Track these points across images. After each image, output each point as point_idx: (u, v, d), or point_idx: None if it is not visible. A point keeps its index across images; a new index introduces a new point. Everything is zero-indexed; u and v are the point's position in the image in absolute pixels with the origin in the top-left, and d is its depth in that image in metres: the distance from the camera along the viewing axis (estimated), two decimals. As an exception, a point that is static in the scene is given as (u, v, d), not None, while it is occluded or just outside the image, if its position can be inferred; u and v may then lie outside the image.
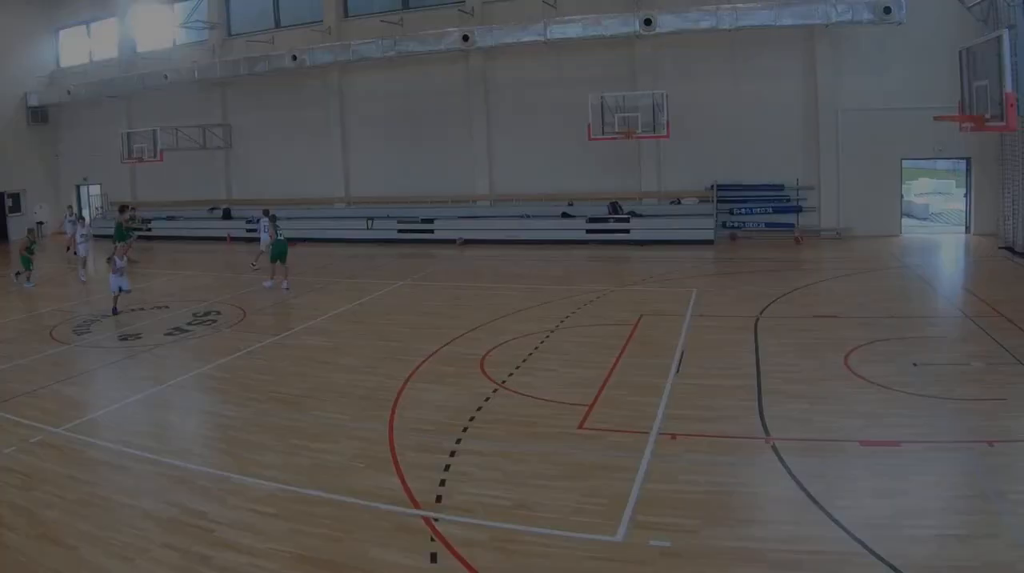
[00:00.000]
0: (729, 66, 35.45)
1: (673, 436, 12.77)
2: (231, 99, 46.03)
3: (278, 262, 26.61)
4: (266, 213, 30.78)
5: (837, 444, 12.26)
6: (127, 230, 29.65)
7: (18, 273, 29.38)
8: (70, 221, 39.40)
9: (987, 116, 20.72)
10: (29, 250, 29.34)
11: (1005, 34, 19.61)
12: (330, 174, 43.61)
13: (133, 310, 24.22)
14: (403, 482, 11.41)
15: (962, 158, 34.79)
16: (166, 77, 43.63)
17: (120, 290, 23.66)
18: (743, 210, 35.30)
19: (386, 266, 32.92)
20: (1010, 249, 28.55)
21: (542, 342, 19.01)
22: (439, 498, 10.86)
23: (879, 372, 15.33)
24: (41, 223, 48.99)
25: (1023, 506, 9.86)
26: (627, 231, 35.62)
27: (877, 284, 24.28)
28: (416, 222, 39.87)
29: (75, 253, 32.72)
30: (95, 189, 52.81)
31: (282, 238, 27.51)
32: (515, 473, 11.63)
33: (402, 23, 39.17)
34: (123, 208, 32.72)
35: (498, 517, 10.25)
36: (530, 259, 32.63)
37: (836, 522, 9.72)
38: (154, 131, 43.39)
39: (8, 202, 49.31)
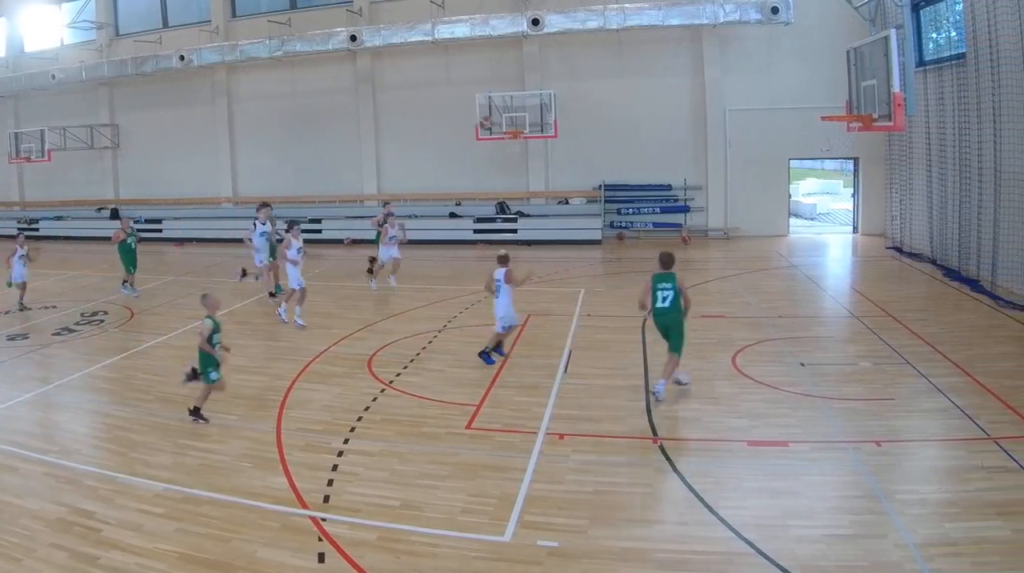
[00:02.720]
0: (617, 66, 35.82)
1: (561, 436, 12.87)
2: (119, 99, 45.03)
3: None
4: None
5: (725, 444, 12.45)
6: None
7: None
8: None
9: (875, 116, 21.20)
10: None
11: (892, 34, 20.07)
12: (218, 174, 42.91)
13: (21, 310, 23.78)
14: (291, 482, 11.43)
15: (850, 158, 35.66)
16: (53, 77, 42.82)
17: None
18: (631, 210, 35.63)
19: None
20: (898, 249, 29.36)
21: (430, 342, 19.04)
22: (327, 498, 10.90)
23: (767, 372, 15.63)
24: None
25: (911, 506, 10.12)
26: (515, 231, 35.71)
27: (765, 284, 24.70)
28: (304, 222, 39.01)
29: None
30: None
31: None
32: (403, 473, 11.69)
33: (290, 23, 38.85)
34: None
35: (386, 517, 10.31)
36: (418, 259, 32.38)
37: (724, 522, 9.87)
38: (42, 131, 42.53)
39: None
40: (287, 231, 21.57)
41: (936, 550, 9.05)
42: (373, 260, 26.02)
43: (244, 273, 25.20)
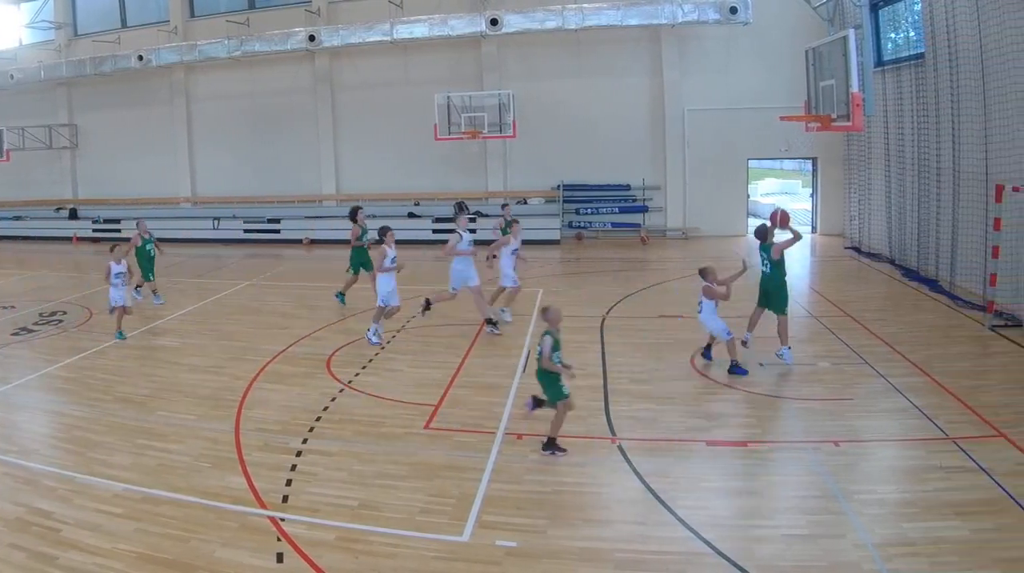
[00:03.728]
0: (576, 66, 35.93)
1: (519, 436, 12.89)
2: (77, 99, 44.65)
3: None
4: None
5: (684, 444, 12.47)
6: None
7: None
8: None
9: (834, 116, 21.28)
10: None
11: (851, 34, 20.15)
12: (176, 174, 42.64)
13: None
14: (249, 482, 11.41)
15: (808, 158, 35.95)
16: (12, 77, 42.48)
17: None
18: (589, 210, 35.69)
19: (232, 266, 32.29)
20: (856, 249, 29.60)
21: (388, 342, 19.00)
22: (285, 498, 10.89)
23: (725, 373, 15.63)
24: None
25: (869, 506, 10.17)
26: (473, 231, 35.31)
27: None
28: (262, 222, 39.63)
29: None
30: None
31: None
32: (361, 473, 11.68)
33: (248, 23, 38.70)
34: None
35: (344, 517, 10.32)
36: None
37: (682, 522, 9.89)
38: (0, 131, 41.95)
39: None
40: (381, 237, 18.84)
41: (894, 550, 9.10)
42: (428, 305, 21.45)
43: (428, 305, 20.56)
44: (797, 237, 16.18)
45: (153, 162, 42.69)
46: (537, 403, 13.01)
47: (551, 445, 12.16)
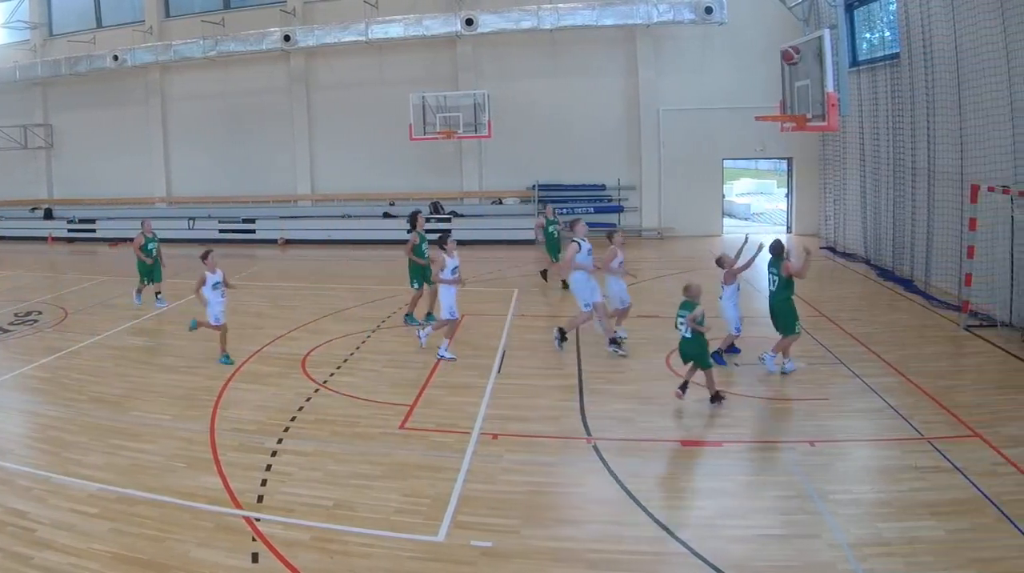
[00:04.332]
0: (551, 66, 35.96)
1: (494, 436, 12.87)
2: (53, 99, 44.41)
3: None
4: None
5: (659, 444, 12.50)
6: None
7: None
8: None
9: (809, 116, 21.32)
10: None
11: (826, 34, 20.19)
12: (151, 174, 42.45)
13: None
14: (224, 482, 11.39)
15: (784, 158, 36.10)
16: (-14, 77, 42.43)
17: None
18: (564, 210, 35.51)
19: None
20: (831, 249, 29.69)
21: (364, 342, 19.01)
22: (260, 498, 10.87)
23: (701, 373, 15.62)
24: None
25: (844, 506, 10.20)
26: (449, 231, 35.51)
27: (698, 284, 24.62)
28: (237, 222, 39.51)
29: None
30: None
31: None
32: (336, 473, 11.68)
33: (224, 23, 38.56)
34: None
35: (319, 517, 10.31)
36: (352, 259, 32.59)
37: (657, 522, 9.88)
38: (-25, 131, 41.91)
39: None
40: (442, 244, 17.75)
41: (869, 550, 9.12)
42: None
43: (563, 335, 18.00)
44: (808, 254, 15.86)
45: (128, 162, 42.48)
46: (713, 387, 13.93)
47: (717, 397, 13.76)
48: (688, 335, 13.59)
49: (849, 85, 23.26)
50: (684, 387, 13.76)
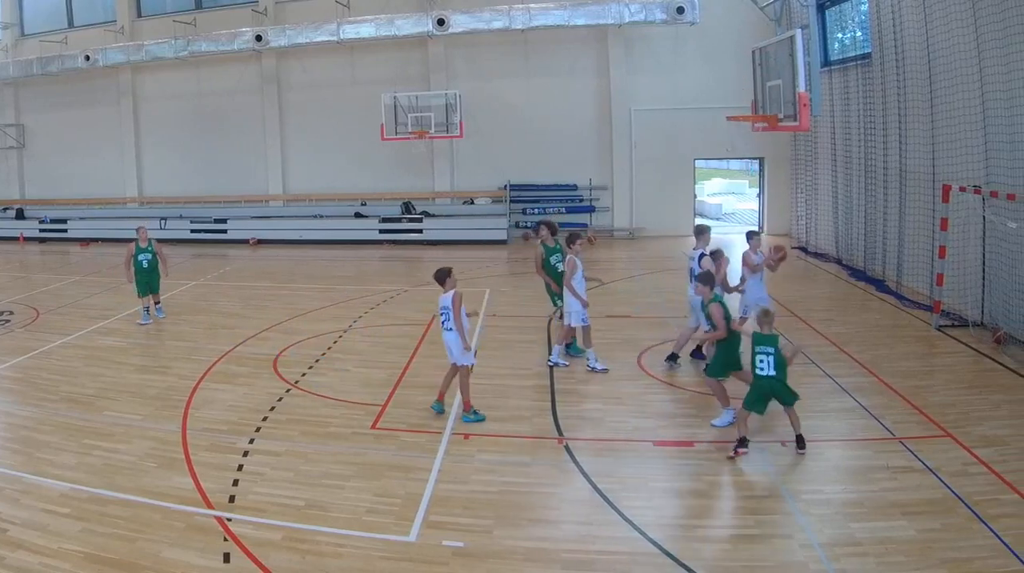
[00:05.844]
0: (523, 66, 36.00)
1: (466, 436, 12.90)
2: (24, 99, 44.16)
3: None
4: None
5: (631, 444, 12.53)
6: None
7: None
8: None
9: (780, 116, 21.43)
10: None
11: (798, 34, 20.29)
12: (123, 174, 42.24)
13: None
14: (196, 482, 11.40)
15: (755, 158, 36.27)
16: (-42, 77, 42.14)
17: None
18: (536, 210, 35.65)
19: (179, 266, 31.83)
20: (803, 249, 29.87)
21: (335, 342, 19.02)
22: (232, 498, 10.88)
23: (669, 369, 15.72)
24: None
25: (816, 506, 10.26)
26: (420, 231, 35.72)
27: (670, 284, 24.61)
28: (209, 222, 39.33)
29: None
30: None
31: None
32: (308, 473, 11.70)
33: (195, 23, 38.39)
34: None
35: (291, 517, 10.32)
36: (323, 259, 32.54)
37: (629, 522, 9.90)
38: (-54, 131, 41.57)
39: None
40: (569, 246, 16.46)
41: (841, 550, 9.17)
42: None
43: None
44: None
45: (100, 162, 42.33)
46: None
47: (802, 441, 11.93)
48: (772, 373, 11.93)
49: (821, 85, 23.40)
50: (744, 443, 11.95)
